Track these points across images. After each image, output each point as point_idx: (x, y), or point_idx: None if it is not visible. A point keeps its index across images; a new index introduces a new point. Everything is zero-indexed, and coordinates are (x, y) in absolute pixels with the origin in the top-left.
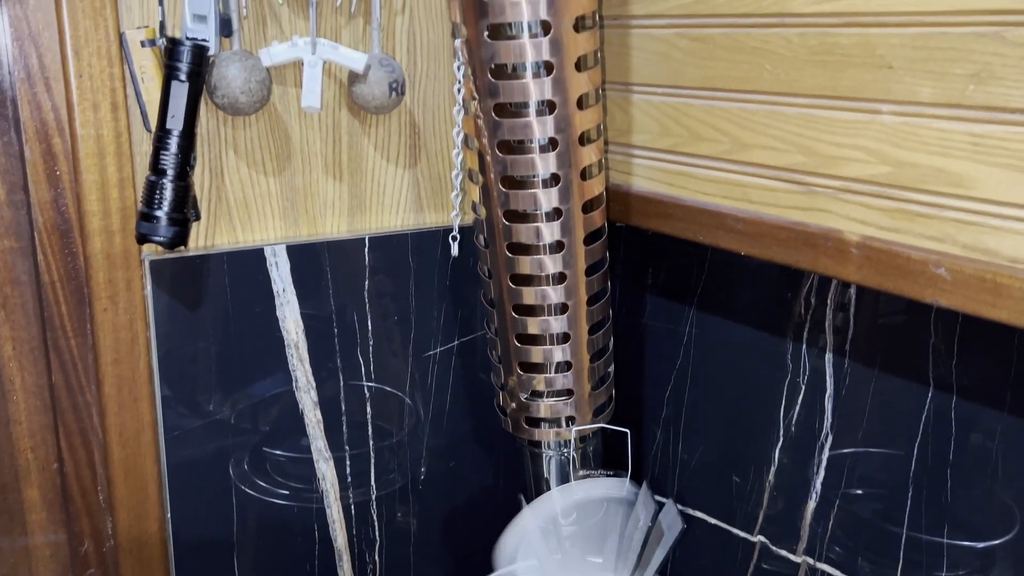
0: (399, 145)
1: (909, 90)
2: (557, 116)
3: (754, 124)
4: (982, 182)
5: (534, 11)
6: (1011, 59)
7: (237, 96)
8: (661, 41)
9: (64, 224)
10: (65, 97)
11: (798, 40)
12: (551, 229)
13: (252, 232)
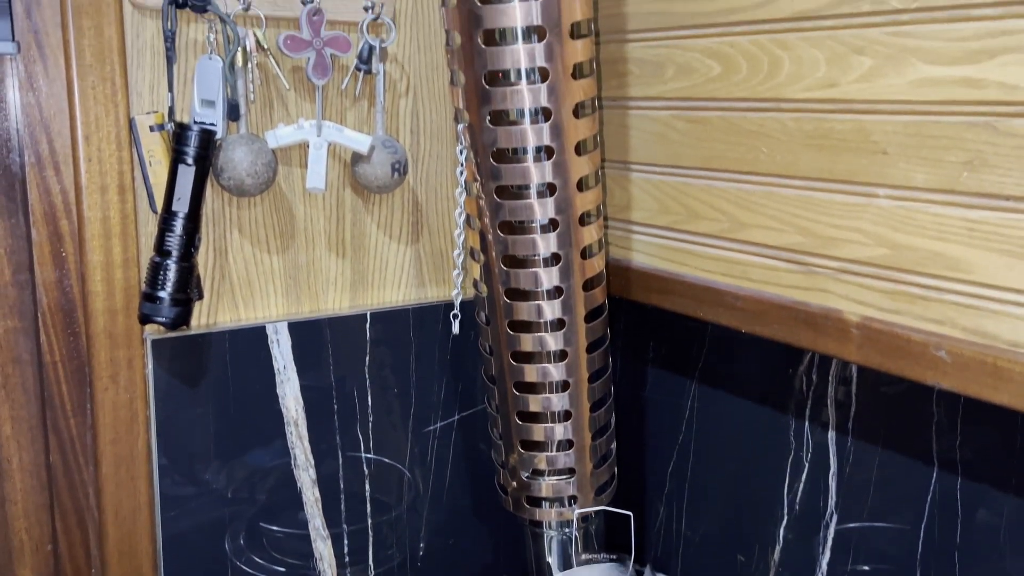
0: (402, 222)
1: (904, 175)
2: (558, 198)
3: (752, 204)
4: (979, 266)
5: (535, 98)
6: (1003, 148)
7: (243, 178)
8: (659, 122)
9: (68, 304)
10: (74, 180)
11: (794, 125)
12: (552, 307)
13: (255, 309)
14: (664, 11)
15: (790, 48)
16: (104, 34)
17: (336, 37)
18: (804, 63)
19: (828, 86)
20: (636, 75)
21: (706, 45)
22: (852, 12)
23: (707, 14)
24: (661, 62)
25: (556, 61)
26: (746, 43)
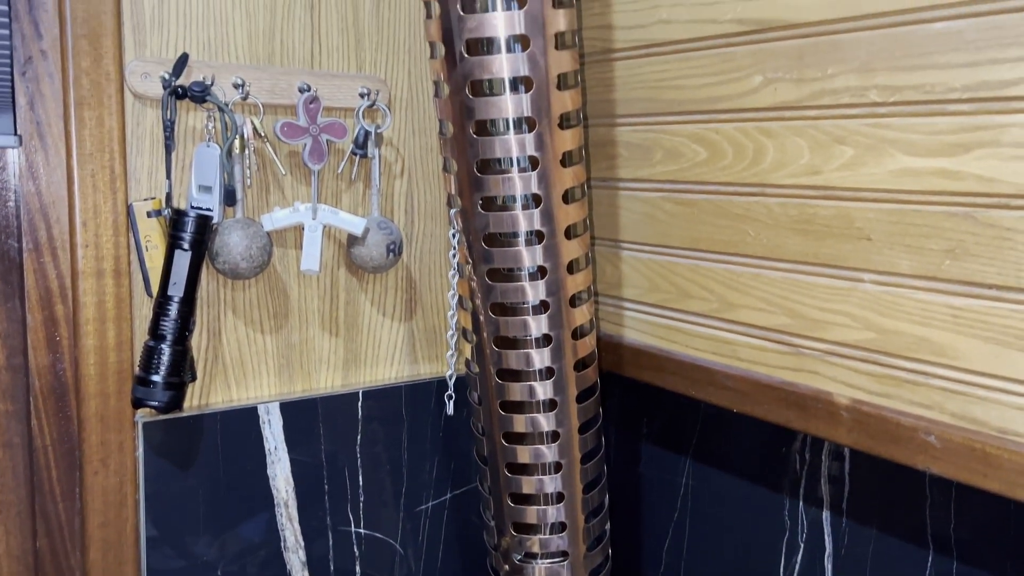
0: (395, 300)
1: (888, 261)
2: (548, 280)
3: (740, 285)
4: (965, 353)
5: (526, 186)
6: (983, 238)
7: (238, 262)
8: (648, 203)
9: (60, 388)
10: (71, 265)
11: (779, 209)
12: (544, 387)
13: (247, 390)
14: (651, 98)
15: (774, 136)
16: (105, 124)
17: (332, 123)
18: (788, 151)
19: (812, 173)
20: (625, 158)
21: (692, 131)
22: (832, 104)
23: (692, 102)
24: (649, 146)
25: (546, 150)
26: (731, 130)
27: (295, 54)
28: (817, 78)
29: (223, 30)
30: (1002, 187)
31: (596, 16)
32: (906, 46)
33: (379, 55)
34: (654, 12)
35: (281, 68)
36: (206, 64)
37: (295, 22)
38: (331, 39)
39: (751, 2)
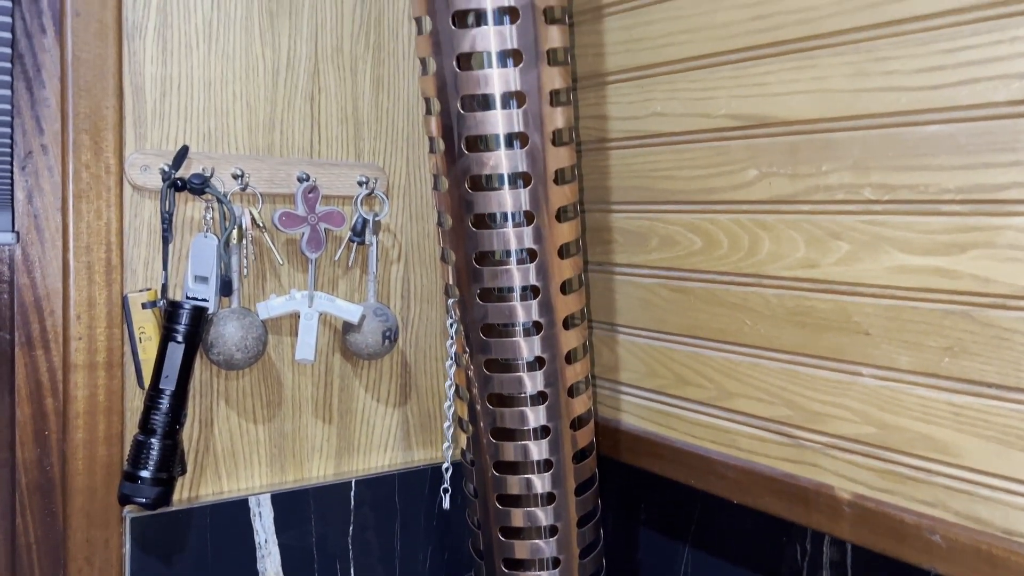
0: (390, 385)
1: (887, 356)
2: (547, 371)
3: (738, 374)
4: (968, 451)
5: (524, 277)
6: (981, 337)
7: (232, 353)
8: (644, 289)
9: (47, 483)
10: (63, 359)
11: (776, 301)
12: (542, 480)
13: (238, 481)
14: (646, 187)
15: (769, 229)
16: (103, 216)
17: (330, 212)
18: (783, 243)
19: (808, 266)
20: (621, 243)
21: (688, 220)
22: (827, 199)
23: (687, 192)
24: (645, 233)
25: (544, 242)
26: (727, 221)
27: (294, 144)
28: (812, 174)
29: (224, 122)
30: (998, 287)
31: (592, 106)
32: (899, 147)
33: (378, 143)
34: (648, 105)
35: (280, 158)
36: (206, 155)
37: (295, 113)
38: (330, 129)
39: (744, 98)
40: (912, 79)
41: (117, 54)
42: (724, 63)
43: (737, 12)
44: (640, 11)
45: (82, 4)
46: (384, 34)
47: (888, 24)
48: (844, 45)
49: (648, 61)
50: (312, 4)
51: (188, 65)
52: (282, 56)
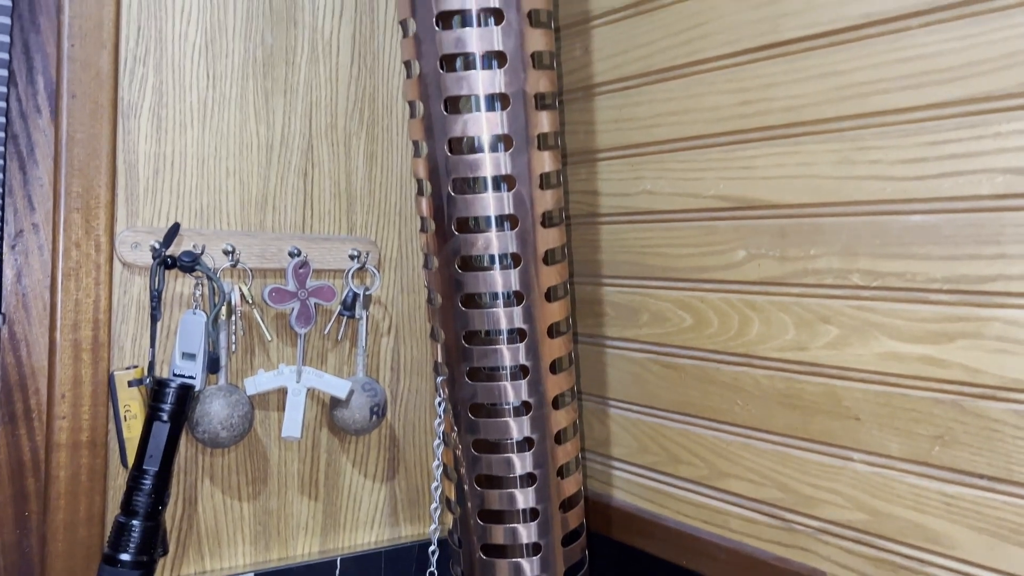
0: (378, 460)
1: (878, 442)
2: (536, 451)
3: (730, 454)
4: (960, 543)
5: (514, 357)
6: (971, 427)
7: (218, 432)
8: (635, 363)
9: (26, 566)
10: (46, 438)
11: (767, 382)
12: (531, 564)
13: (221, 560)
14: (636, 262)
15: (759, 309)
16: (92, 294)
17: (321, 287)
18: (773, 324)
19: (797, 349)
20: (612, 316)
21: (678, 297)
22: (816, 283)
23: (677, 270)
24: (635, 308)
25: (534, 322)
26: (717, 300)
27: (287, 219)
28: (800, 257)
29: (216, 198)
30: (987, 378)
31: (582, 181)
32: (886, 235)
33: (370, 217)
34: (638, 183)
35: (272, 234)
36: (197, 232)
37: (288, 188)
38: (323, 203)
39: (733, 180)
40: (896, 169)
41: (111, 133)
42: (713, 145)
43: (725, 97)
44: (629, 92)
45: (78, 85)
46: (378, 110)
47: (872, 115)
48: (829, 133)
49: (638, 140)
50: (307, 82)
51: (182, 143)
52: (276, 133)
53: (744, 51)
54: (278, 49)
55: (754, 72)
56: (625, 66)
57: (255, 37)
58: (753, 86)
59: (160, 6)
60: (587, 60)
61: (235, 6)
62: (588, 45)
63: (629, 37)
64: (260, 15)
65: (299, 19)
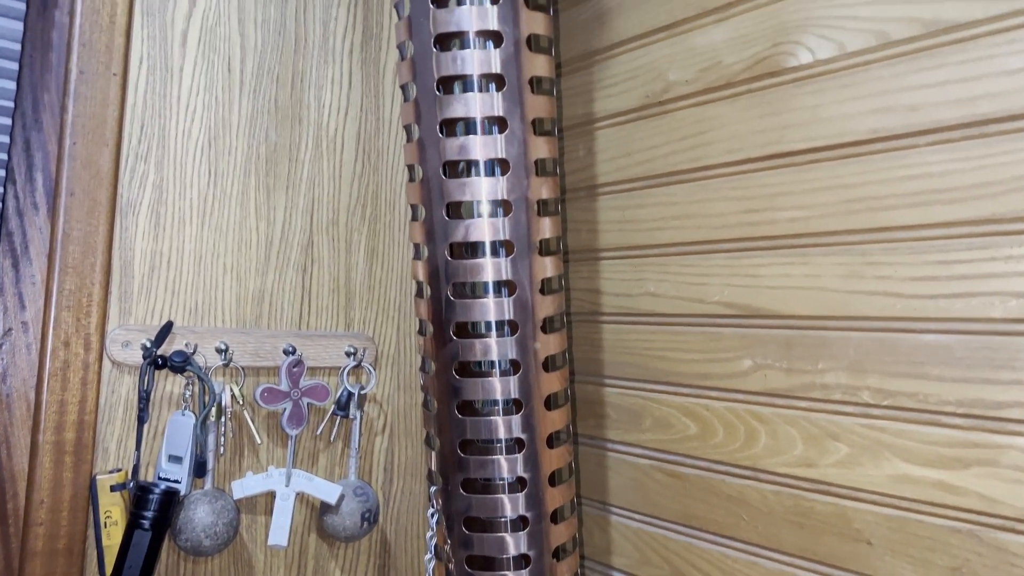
0: (368, 567)
1: (891, 570)
2: (533, 569)
3: (736, 571)
4: None
5: (511, 468)
6: (989, 560)
7: (201, 540)
8: (637, 469)
9: None
10: (21, 545)
11: (774, 497)
12: None
13: None
14: (639, 364)
15: (766, 421)
16: (78, 395)
17: (315, 387)
18: (780, 438)
19: (806, 465)
20: (614, 419)
21: (682, 403)
22: (824, 398)
23: (681, 375)
24: (638, 411)
25: (534, 431)
26: (722, 409)
27: (283, 315)
28: (807, 370)
29: (212, 295)
30: (1005, 509)
31: (584, 279)
32: (896, 352)
33: (368, 313)
34: (641, 284)
35: (268, 331)
36: (190, 330)
37: (286, 284)
38: (321, 299)
39: (738, 288)
40: (906, 286)
41: (108, 231)
42: (717, 251)
43: (729, 204)
44: (633, 194)
45: (78, 183)
46: (380, 206)
47: (879, 230)
48: (837, 246)
49: (641, 242)
50: (310, 178)
51: (180, 239)
52: (276, 229)
53: (749, 160)
54: (282, 146)
55: (759, 181)
56: (628, 168)
57: (259, 134)
58: (758, 195)
59: (165, 104)
60: (590, 160)
61: (240, 104)
62: (591, 146)
63: (632, 140)
64: (265, 112)
65: (304, 116)
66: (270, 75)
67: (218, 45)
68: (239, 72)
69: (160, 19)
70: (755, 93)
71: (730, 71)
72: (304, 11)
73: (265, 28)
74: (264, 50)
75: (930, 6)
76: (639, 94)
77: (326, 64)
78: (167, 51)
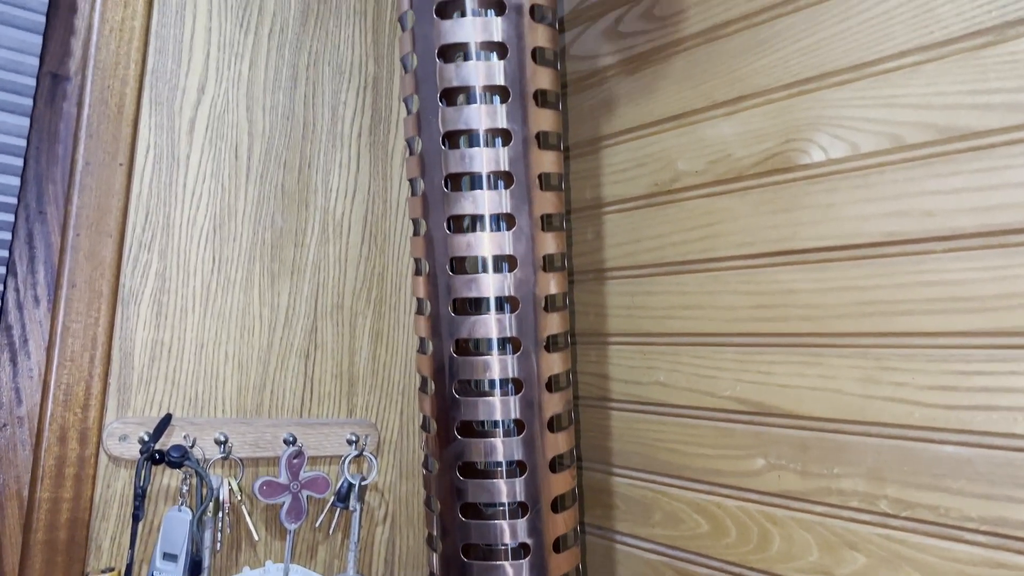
0: None
1: None
2: None
3: None
4: None
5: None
6: None
7: None
8: (648, 565)
9: None
10: None
11: None
12: None
13: None
14: (648, 455)
15: (780, 524)
16: (72, 491)
17: (315, 479)
18: (795, 543)
19: (821, 573)
20: (622, 510)
21: (693, 499)
22: (841, 504)
23: (692, 469)
24: (648, 504)
25: (541, 535)
26: (734, 508)
27: (284, 403)
28: (823, 474)
29: (212, 385)
30: None
31: (592, 363)
32: (915, 462)
33: (371, 397)
34: (650, 372)
35: (269, 419)
36: (190, 421)
37: (288, 371)
38: (324, 385)
39: (750, 384)
40: (924, 395)
41: (109, 322)
42: (728, 345)
43: (740, 298)
44: (642, 280)
45: (80, 275)
46: (387, 288)
47: (896, 335)
48: (851, 348)
49: (650, 329)
50: (315, 263)
51: (181, 328)
52: (280, 315)
53: (760, 254)
54: (288, 231)
55: (771, 277)
56: (637, 255)
57: (265, 220)
58: (770, 291)
59: (170, 192)
60: (599, 244)
61: (246, 190)
62: (600, 230)
63: (641, 227)
64: (272, 198)
65: (311, 201)
66: (277, 160)
67: (226, 132)
68: (246, 158)
69: (168, 108)
70: (766, 188)
71: (740, 164)
72: (313, 96)
73: (273, 114)
74: (272, 136)
75: (944, 113)
76: (648, 181)
77: (334, 148)
78: (174, 139)
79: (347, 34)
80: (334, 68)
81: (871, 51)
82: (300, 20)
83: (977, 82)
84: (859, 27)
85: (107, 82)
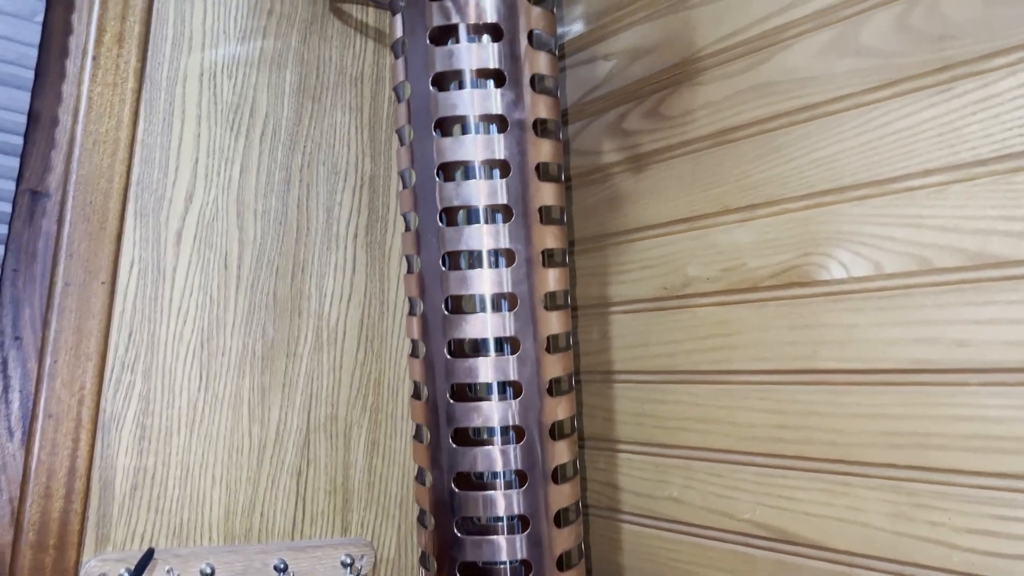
0: None
1: None
2: None
3: None
4: None
5: None
6: None
7: None
8: None
9: None
10: None
11: None
12: None
13: None
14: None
15: None
16: None
17: None
18: None
19: None
20: None
21: None
22: None
23: None
24: None
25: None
26: None
27: (275, 526)
28: None
29: (198, 511)
30: None
31: (601, 471)
32: None
33: (367, 513)
34: (663, 487)
35: (258, 545)
36: (173, 553)
37: (279, 491)
38: (317, 503)
39: (771, 508)
40: (963, 539)
41: (88, 452)
42: (747, 464)
43: (759, 416)
44: (652, 387)
45: (56, 404)
46: (383, 394)
47: (929, 470)
48: (880, 479)
49: (662, 440)
50: (308, 373)
51: (166, 453)
52: (271, 432)
53: (778, 371)
54: (280, 341)
55: (791, 396)
56: (647, 360)
57: (255, 331)
58: (791, 411)
59: (155, 308)
60: (605, 345)
61: (236, 301)
62: (606, 330)
63: (651, 331)
64: (263, 308)
65: (304, 308)
66: (269, 267)
67: (215, 241)
68: (236, 267)
69: (154, 219)
70: (783, 301)
71: (756, 275)
72: (308, 198)
73: (265, 219)
74: (264, 242)
75: (974, 237)
76: (657, 284)
77: (329, 251)
78: (160, 252)
79: (342, 132)
80: (329, 168)
81: (893, 167)
82: (294, 120)
83: (1009, 207)
84: (879, 141)
85: (89, 196)
